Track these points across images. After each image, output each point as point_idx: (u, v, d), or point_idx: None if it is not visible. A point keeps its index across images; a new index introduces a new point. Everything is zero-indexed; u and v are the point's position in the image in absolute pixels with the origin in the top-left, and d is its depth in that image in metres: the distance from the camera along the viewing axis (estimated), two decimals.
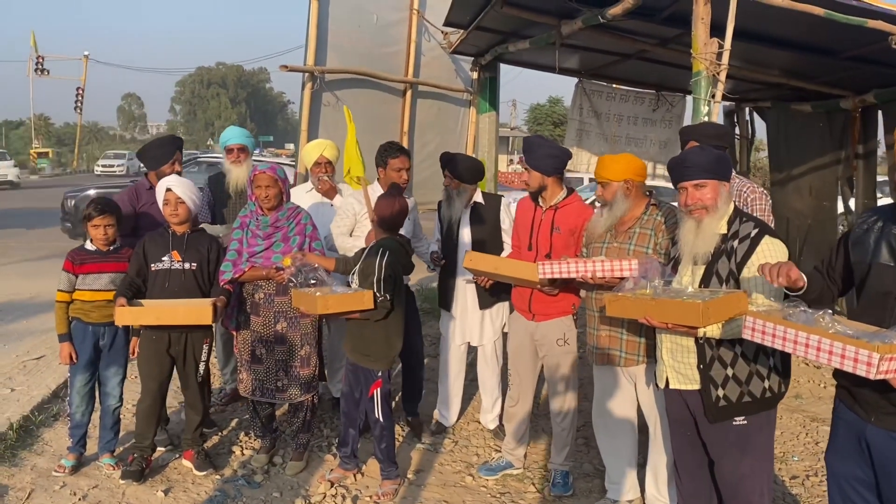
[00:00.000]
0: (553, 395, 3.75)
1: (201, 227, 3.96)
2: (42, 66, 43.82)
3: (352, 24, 6.32)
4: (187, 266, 3.71)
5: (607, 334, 3.30)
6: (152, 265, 3.70)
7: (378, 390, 3.56)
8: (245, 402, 4.26)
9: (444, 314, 4.43)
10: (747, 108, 7.79)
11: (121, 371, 3.84)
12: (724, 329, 2.51)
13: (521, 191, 19.62)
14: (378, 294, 3.41)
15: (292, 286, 3.56)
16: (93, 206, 3.74)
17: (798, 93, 6.62)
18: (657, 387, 2.90)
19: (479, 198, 4.26)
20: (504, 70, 7.06)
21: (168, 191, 3.72)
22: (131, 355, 3.82)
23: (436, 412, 4.58)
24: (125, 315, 3.50)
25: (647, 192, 3.32)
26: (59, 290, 3.73)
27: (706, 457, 2.76)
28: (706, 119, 3.92)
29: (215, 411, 4.60)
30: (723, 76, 3.89)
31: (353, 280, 3.59)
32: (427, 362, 5.27)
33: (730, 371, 2.60)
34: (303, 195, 4.56)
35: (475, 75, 6.96)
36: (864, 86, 6.13)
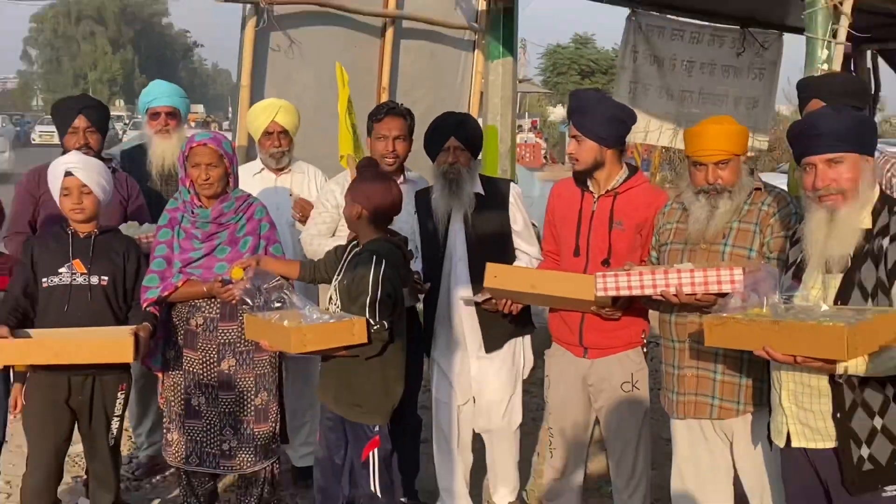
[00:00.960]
0: (616, 462, 3.78)
1: (114, 226, 3.95)
2: None
3: None
4: (95, 280, 3.70)
5: (694, 374, 3.33)
6: (44, 280, 3.68)
7: (375, 451, 3.52)
8: (175, 473, 4.25)
9: (431, 364, 4.30)
10: (868, 52, 7.87)
11: None
12: (872, 363, 2.54)
13: (533, 170, 19.58)
14: (372, 321, 3.39)
15: (245, 309, 3.56)
16: None
17: None
18: (769, 446, 2.94)
19: (477, 186, 4.09)
20: None
21: (67, 175, 3.70)
22: (12, 411, 3.78)
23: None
24: (6, 351, 3.48)
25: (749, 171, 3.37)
26: None
27: None
28: (824, 67, 3.98)
29: (126, 489, 4.58)
30: (847, 7, 3.95)
31: (332, 298, 3.60)
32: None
33: (878, 422, 2.64)
34: (249, 179, 4.56)
35: (482, 5, 6.95)
36: None
